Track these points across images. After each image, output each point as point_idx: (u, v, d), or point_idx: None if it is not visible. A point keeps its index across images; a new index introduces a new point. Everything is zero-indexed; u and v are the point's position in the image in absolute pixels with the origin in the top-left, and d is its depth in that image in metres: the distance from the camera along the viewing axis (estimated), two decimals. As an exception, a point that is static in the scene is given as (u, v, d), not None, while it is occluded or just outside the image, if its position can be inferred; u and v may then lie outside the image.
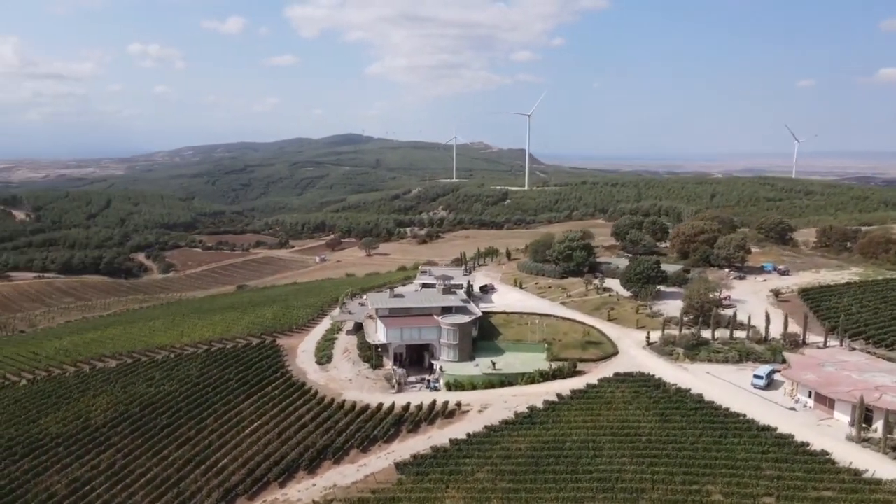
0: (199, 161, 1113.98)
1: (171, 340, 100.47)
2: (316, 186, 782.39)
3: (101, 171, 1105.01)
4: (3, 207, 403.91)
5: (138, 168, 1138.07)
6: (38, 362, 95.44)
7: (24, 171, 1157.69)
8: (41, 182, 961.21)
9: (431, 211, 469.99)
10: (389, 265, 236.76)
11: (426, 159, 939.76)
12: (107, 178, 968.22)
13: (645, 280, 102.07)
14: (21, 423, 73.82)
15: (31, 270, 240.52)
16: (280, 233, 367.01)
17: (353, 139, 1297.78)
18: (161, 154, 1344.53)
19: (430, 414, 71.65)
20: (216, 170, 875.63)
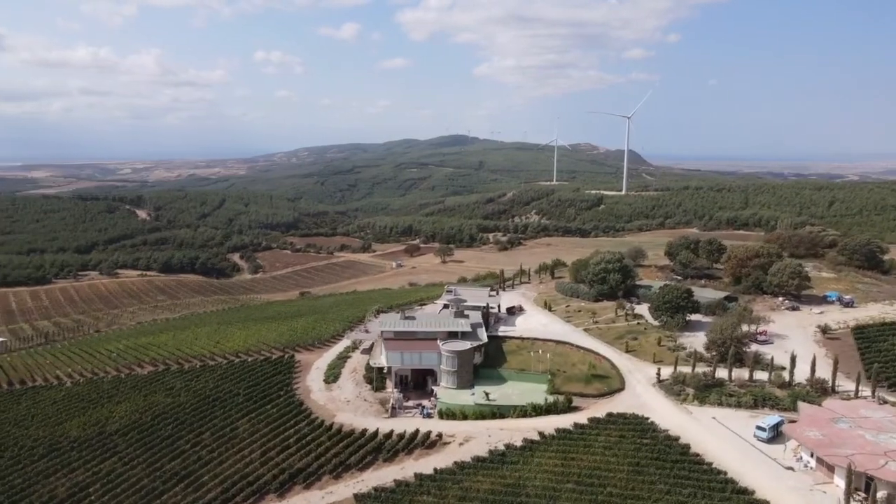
0: (312, 161, 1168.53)
1: (206, 350, 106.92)
2: (419, 187, 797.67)
3: (225, 171, 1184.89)
4: (128, 207, 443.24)
5: (258, 168, 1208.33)
6: (87, 365, 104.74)
7: (161, 171, 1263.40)
8: (173, 181, 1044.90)
9: (524, 215, 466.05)
10: (462, 273, 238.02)
11: (529, 161, 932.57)
12: (229, 177, 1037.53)
13: (674, 309, 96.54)
14: (50, 425, 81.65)
15: (136, 268, 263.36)
16: (368, 236, 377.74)
17: (459, 140, 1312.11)
18: (279, 155, 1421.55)
19: (411, 444, 71.89)
20: (326, 170, 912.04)
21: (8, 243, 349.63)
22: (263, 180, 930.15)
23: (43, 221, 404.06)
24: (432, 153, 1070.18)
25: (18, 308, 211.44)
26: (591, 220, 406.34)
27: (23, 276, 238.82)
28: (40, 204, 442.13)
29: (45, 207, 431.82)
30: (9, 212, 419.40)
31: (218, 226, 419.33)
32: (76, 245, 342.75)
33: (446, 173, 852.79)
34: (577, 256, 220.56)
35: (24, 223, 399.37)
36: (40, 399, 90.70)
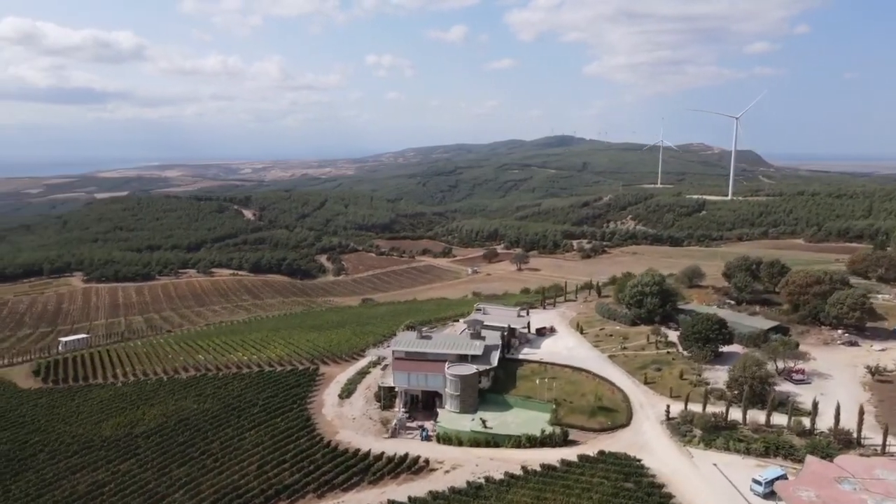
0: (417, 162, 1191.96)
1: (247, 357, 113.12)
2: (519, 189, 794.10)
3: (336, 171, 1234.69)
4: (236, 208, 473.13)
5: (366, 168, 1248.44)
6: (139, 367, 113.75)
7: (277, 170, 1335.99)
8: (286, 181, 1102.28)
9: (619, 221, 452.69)
10: (535, 282, 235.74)
11: (635, 162, 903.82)
12: (338, 177, 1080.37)
13: (703, 340, 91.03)
14: (90, 423, 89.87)
15: (229, 268, 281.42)
16: (454, 240, 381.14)
17: (565, 141, 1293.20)
18: (387, 155, 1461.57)
19: (398, 468, 72.90)
20: (430, 171, 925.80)
21: (131, 240, 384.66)
22: (369, 180, 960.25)
23: (162, 220, 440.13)
24: (536, 154, 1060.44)
25: (124, 302, 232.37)
26: (689, 227, 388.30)
27: (132, 272, 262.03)
28: (161, 203, 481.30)
29: (165, 207, 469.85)
30: (134, 210, 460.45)
31: (315, 226, 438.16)
32: (187, 242, 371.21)
33: (548, 175, 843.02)
34: (663, 267, 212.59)
35: (146, 221, 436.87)
36: (91, 397, 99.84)
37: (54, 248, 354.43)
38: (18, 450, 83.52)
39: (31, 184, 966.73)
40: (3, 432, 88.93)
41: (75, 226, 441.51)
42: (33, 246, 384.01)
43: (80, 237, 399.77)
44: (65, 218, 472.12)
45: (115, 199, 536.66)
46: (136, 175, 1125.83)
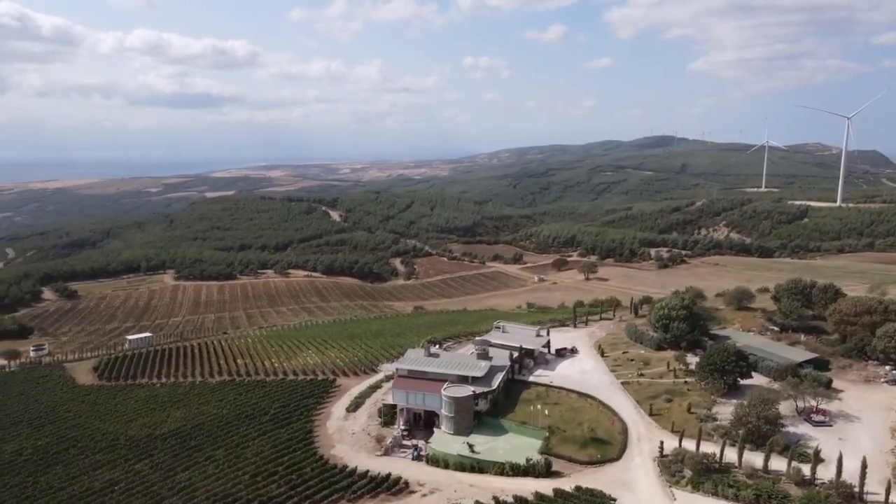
0: (511, 163, 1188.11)
1: (279, 364, 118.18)
2: (611, 191, 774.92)
3: (430, 172, 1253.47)
4: (324, 209, 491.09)
5: (460, 169, 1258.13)
6: (184, 367, 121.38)
7: (375, 171, 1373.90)
8: (382, 181, 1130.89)
9: (711, 227, 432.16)
10: (600, 293, 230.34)
11: (738, 164, 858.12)
12: (431, 178, 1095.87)
13: (719, 371, 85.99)
14: (121, 422, 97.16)
15: (304, 269, 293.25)
16: (531, 245, 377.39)
17: (664, 141, 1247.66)
18: (482, 156, 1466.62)
19: (378, 487, 74.20)
20: (522, 172, 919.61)
21: (226, 238, 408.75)
22: (462, 181, 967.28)
23: (256, 220, 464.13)
24: (632, 155, 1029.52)
25: (205, 300, 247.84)
26: (788, 236, 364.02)
27: (216, 271, 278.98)
28: (256, 204, 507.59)
29: (260, 207, 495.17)
30: (231, 211, 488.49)
31: (397, 228, 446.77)
32: (276, 242, 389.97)
33: (643, 177, 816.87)
34: (743, 282, 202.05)
35: (241, 221, 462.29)
36: (130, 396, 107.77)
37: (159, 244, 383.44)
38: (55, 444, 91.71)
39: (151, 183, 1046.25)
40: (48, 426, 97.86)
41: (179, 224, 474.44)
42: (141, 243, 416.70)
43: (182, 235, 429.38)
44: (171, 217, 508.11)
45: (216, 200, 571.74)
46: (244, 175, 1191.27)
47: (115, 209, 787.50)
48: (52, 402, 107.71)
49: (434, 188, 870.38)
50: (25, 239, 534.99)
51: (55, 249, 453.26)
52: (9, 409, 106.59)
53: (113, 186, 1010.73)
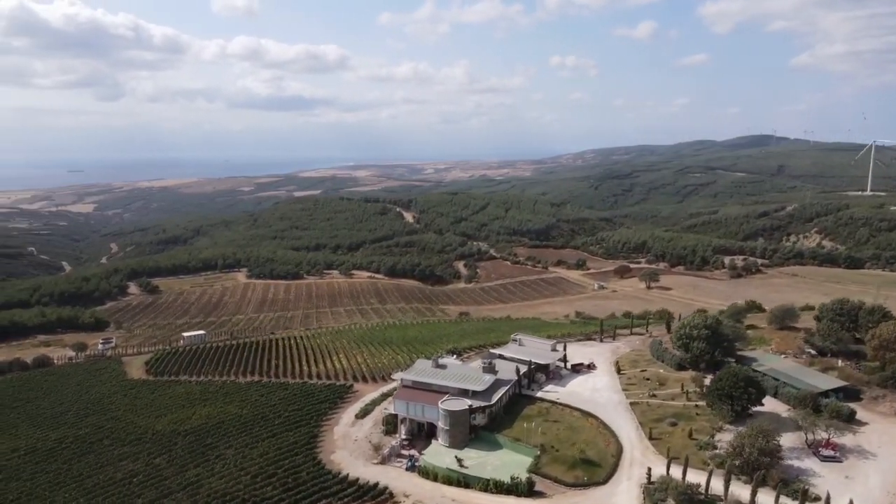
0: (595, 164, 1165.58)
1: (306, 367, 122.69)
2: (699, 194, 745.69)
3: (513, 172, 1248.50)
4: (398, 210, 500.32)
5: (543, 169, 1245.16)
6: (222, 366, 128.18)
7: (458, 171, 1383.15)
8: (465, 181, 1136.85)
9: (802, 234, 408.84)
10: (659, 303, 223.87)
11: (843, 166, 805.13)
12: (513, 178, 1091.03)
13: (726, 397, 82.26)
14: (152, 417, 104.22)
15: (368, 270, 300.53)
16: (599, 250, 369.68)
17: (761, 141, 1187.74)
18: (566, 156, 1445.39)
19: (363, 497, 76.31)
20: (605, 174, 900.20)
21: (303, 238, 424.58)
22: (543, 182, 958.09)
23: (333, 220, 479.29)
24: (725, 156, 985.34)
25: (271, 298, 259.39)
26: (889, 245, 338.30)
27: (284, 270, 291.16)
28: (334, 205, 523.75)
29: (337, 208, 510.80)
30: (310, 211, 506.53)
31: (468, 230, 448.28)
32: (349, 242, 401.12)
33: (734, 179, 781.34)
34: (821, 295, 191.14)
35: (318, 221, 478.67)
36: (166, 392, 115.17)
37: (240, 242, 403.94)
38: (92, 434, 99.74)
39: (244, 182, 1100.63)
40: (91, 417, 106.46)
41: (262, 223, 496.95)
42: (225, 240, 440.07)
43: (263, 234, 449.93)
44: (255, 216, 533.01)
45: (297, 200, 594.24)
46: (331, 175, 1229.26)
47: (210, 207, 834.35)
48: (101, 394, 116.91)
49: (514, 189, 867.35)
50: (128, 235, 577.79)
51: (151, 245, 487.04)
52: (62, 398, 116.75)
53: (210, 185, 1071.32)
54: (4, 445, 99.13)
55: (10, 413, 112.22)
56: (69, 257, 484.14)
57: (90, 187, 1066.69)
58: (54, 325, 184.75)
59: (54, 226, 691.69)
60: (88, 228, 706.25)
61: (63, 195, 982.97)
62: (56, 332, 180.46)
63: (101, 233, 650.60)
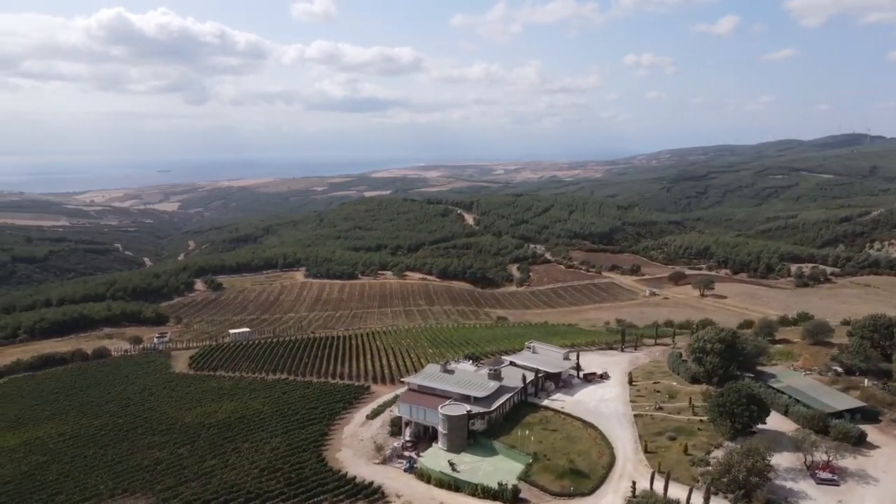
0: (670, 165, 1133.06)
1: (332, 367, 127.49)
2: (779, 196, 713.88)
3: (584, 173, 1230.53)
4: (459, 212, 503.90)
5: (615, 171, 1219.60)
6: (256, 363, 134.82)
7: (528, 172, 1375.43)
8: (534, 182, 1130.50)
9: (888, 241, 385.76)
10: (711, 312, 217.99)
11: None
12: (582, 180, 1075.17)
13: (728, 414, 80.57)
14: (183, 409, 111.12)
15: (420, 272, 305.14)
16: (659, 255, 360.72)
17: (853, 140, 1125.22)
18: (640, 157, 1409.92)
19: (357, 495, 79.63)
20: (679, 175, 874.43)
21: (364, 238, 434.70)
22: (613, 184, 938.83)
23: (395, 221, 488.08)
24: (811, 156, 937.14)
25: (325, 298, 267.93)
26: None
27: (339, 271, 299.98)
28: (397, 206, 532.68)
29: (400, 209, 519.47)
30: (374, 212, 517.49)
31: (527, 233, 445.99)
32: (409, 244, 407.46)
33: (820, 181, 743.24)
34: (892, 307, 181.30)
35: (381, 222, 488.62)
36: (201, 387, 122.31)
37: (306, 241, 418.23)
38: (129, 423, 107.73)
39: (318, 182, 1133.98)
40: (131, 407, 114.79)
41: (327, 223, 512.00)
42: (291, 240, 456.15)
43: (327, 234, 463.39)
44: (322, 216, 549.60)
45: (361, 201, 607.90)
46: (401, 175, 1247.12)
47: (284, 206, 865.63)
48: (144, 386, 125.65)
49: (582, 190, 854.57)
50: (205, 233, 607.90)
51: (224, 243, 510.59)
52: (110, 388, 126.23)
53: (285, 185, 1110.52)
54: (53, 430, 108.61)
55: (63, 400, 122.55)
56: (150, 253, 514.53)
57: (175, 186, 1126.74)
58: (119, 318, 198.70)
59: (141, 223, 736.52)
60: (171, 226, 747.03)
61: (151, 194, 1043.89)
62: (121, 325, 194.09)
63: (181, 230, 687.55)
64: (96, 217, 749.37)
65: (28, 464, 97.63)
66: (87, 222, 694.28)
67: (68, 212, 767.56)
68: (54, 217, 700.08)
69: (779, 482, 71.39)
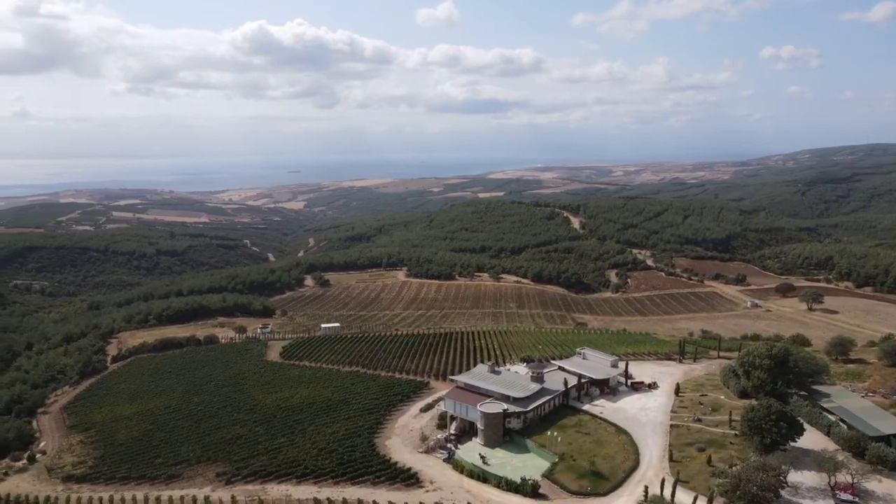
0: (810, 166, 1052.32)
1: (401, 363, 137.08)
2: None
3: (710, 176, 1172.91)
4: (566, 215, 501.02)
5: (745, 172, 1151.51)
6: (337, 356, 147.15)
7: (648, 174, 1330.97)
8: (654, 184, 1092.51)
9: None
10: (816, 327, 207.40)
11: None
12: (707, 183, 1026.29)
13: (757, 430, 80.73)
14: (266, 392, 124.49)
15: (516, 275, 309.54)
16: (775, 265, 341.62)
17: None
18: (776, 157, 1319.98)
19: (396, 478, 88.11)
20: (817, 178, 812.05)
21: (470, 240, 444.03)
22: (740, 186, 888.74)
23: (501, 223, 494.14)
24: None
25: (422, 297, 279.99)
26: None
27: (438, 271, 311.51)
28: (504, 208, 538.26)
29: (506, 211, 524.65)
30: (481, 214, 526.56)
31: (634, 238, 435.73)
32: (511, 246, 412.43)
33: None
34: None
35: (487, 224, 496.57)
36: (284, 374, 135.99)
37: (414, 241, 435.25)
38: (220, 402, 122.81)
39: (434, 183, 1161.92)
40: (225, 388, 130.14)
41: (436, 224, 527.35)
42: (400, 239, 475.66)
43: (434, 235, 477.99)
44: (431, 217, 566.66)
45: (469, 203, 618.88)
46: (517, 177, 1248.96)
47: (401, 206, 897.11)
48: (239, 371, 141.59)
49: (705, 193, 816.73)
50: (325, 231, 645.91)
51: (339, 241, 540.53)
52: (212, 371, 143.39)
53: (403, 185, 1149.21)
54: (161, 404, 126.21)
55: (173, 378, 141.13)
56: (275, 249, 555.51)
57: (303, 186, 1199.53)
58: (232, 309, 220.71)
59: (269, 221, 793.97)
60: (297, 224, 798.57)
61: (281, 193, 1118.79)
62: (233, 316, 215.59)
63: (305, 228, 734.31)
64: (231, 214, 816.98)
65: (138, 430, 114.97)
66: (224, 219, 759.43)
67: (208, 209, 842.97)
68: (197, 214, 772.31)
69: (796, 499, 71.58)
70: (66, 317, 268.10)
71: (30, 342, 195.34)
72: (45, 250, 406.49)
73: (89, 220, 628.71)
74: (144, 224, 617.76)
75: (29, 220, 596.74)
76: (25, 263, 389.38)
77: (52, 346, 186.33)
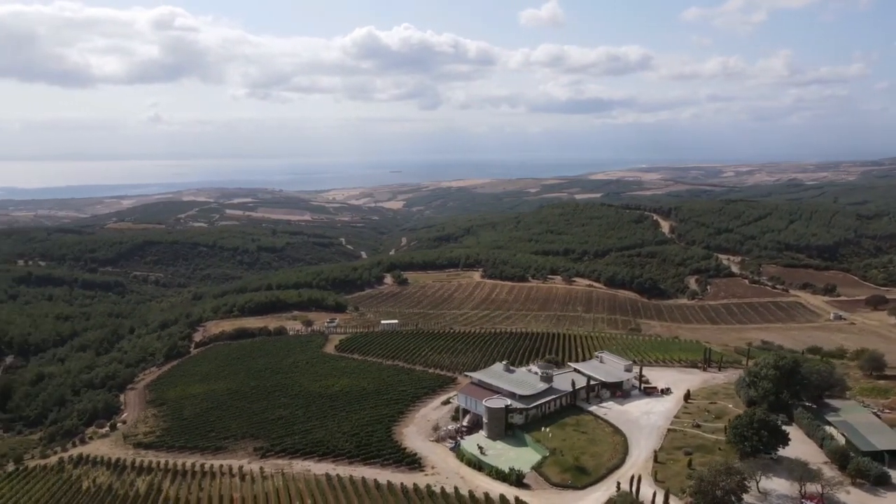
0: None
1: (437, 358, 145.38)
2: None
3: (833, 176, 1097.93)
4: (655, 218, 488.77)
5: (875, 173, 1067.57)
6: (388, 351, 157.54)
7: (762, 174, 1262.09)
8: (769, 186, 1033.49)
9: None
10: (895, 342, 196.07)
11: None
12: (828, 184, 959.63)
13: (740, 437, 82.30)
14: (312, 380, 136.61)
15: (589, 279, 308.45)
16: (878, 276, 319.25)
17: None
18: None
19: (401, 462, 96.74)
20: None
21: (554, 242, 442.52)
22: (867, 188, 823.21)
23: (587, 226, 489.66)
24: None
25: (494, 297, 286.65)
26: None
27: (512, 273, 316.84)
28: (592, 211, 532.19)
29: (593, 214, 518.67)
30: (568, 216, 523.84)
31: (726, 243, 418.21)
32: (595, 250, 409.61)
33: None
34: None
35: (573, 226, 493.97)
36: (333, 365, 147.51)
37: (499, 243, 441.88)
38: (273, 386, 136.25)
39: (532, 184, 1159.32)
40: (279, 375, 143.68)
41: (523, 226, 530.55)
42: (487, 240, 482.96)
43: (520, 236, 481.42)
44: (518, 218, 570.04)
45: (558, 205, 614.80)
46: (618, 178, 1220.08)
47: (497, 206, 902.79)
48: (295, 360, 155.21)
49: (824, 196, 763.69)
50: (418, 230, 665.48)
51: (429, 241, 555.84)
52: (273, 359, 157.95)
53: (500, 186, 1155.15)
54: (224, 387, 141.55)
55: (238, 364, 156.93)
56: (368, 248, 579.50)
57: (403, 186, 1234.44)
58: (307, 304, 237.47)
59: (368, 220, 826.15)
60: (394, 223, 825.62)
61: (381, 193, 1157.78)
62: (307, 310, 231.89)
63: (401, 227, 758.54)
64: (333, 213, 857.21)
65: (201, 408, 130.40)
66: (325, 217, 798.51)
67: (312, 208, 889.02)
68: (301, 212, 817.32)
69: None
70: (172, 305, 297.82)
71: (132, 327, 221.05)
72: (162, 245, 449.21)
73: (204, 217, 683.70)
74: (252, 221, 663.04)
75: (153, 217, 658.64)
76: (144, 256, 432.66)
77: (150, 331, 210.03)
